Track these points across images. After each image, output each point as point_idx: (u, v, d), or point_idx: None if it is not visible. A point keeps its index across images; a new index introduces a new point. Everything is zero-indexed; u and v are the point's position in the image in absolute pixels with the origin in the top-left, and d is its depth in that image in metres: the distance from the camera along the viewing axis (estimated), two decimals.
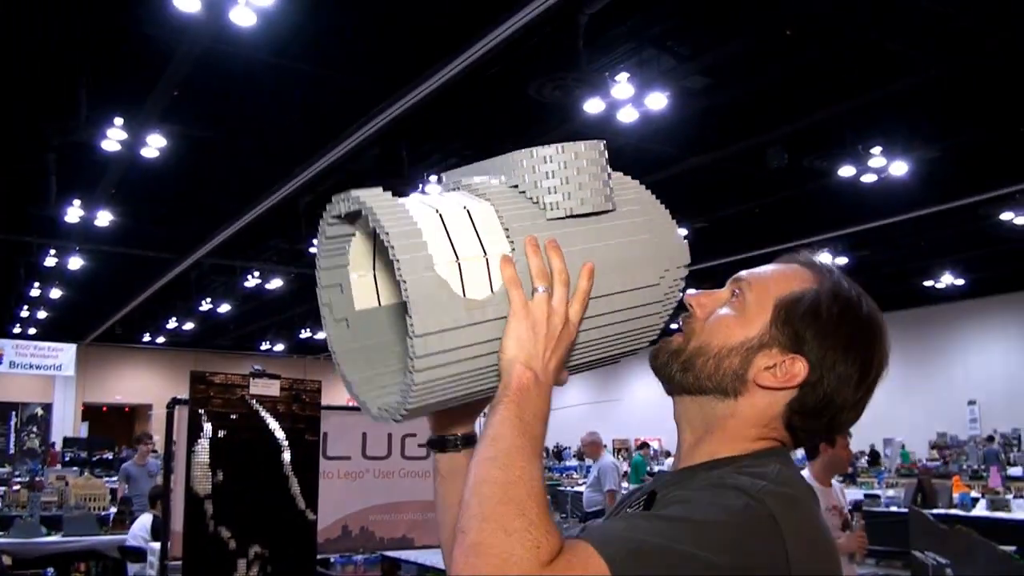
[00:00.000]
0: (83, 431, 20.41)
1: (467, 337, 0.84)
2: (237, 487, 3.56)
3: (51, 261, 12.69)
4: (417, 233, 0.83)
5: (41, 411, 19.87)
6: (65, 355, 19.89)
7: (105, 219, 10.55)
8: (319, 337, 19.68)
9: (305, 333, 19.66)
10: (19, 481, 10.84)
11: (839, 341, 0.91)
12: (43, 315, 17.30)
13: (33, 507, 8.02)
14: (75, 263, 12.63)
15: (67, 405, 21.98)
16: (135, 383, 23.45)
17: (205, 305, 16.26)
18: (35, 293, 15.09)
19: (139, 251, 12.71)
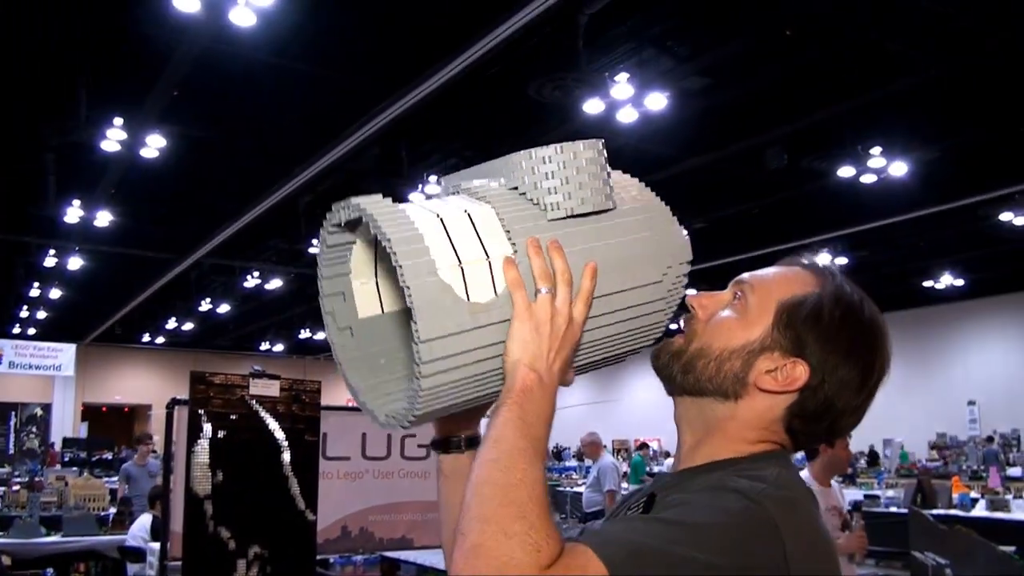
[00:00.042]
0: (82, 431, 20.40)
1: (472, 341, 0.84)
2: (237, 487, 3.56)
3: (50, 261, 12.69)
4: (419, 238, 0.83)
5: (40, 411, 19.82)
6: (64, 355, 19.90)
7: (105, 219, 10.54)
8: (318, 337, 19.68)
9: (305, 333, 19.65)
10: (18, 481, 10.82)
11: (841, 345, 0.91)
12: (42, 315, 17.31)
13: (32, 507, 8.02)
14: (74, 263, 12.63)
15: (66, 405, 21.98)
16: (134, 383, 23.45)
17: (205, 305, 16.25)
18: (34, 293, 15.08)
19: (138, 251, 12.70)
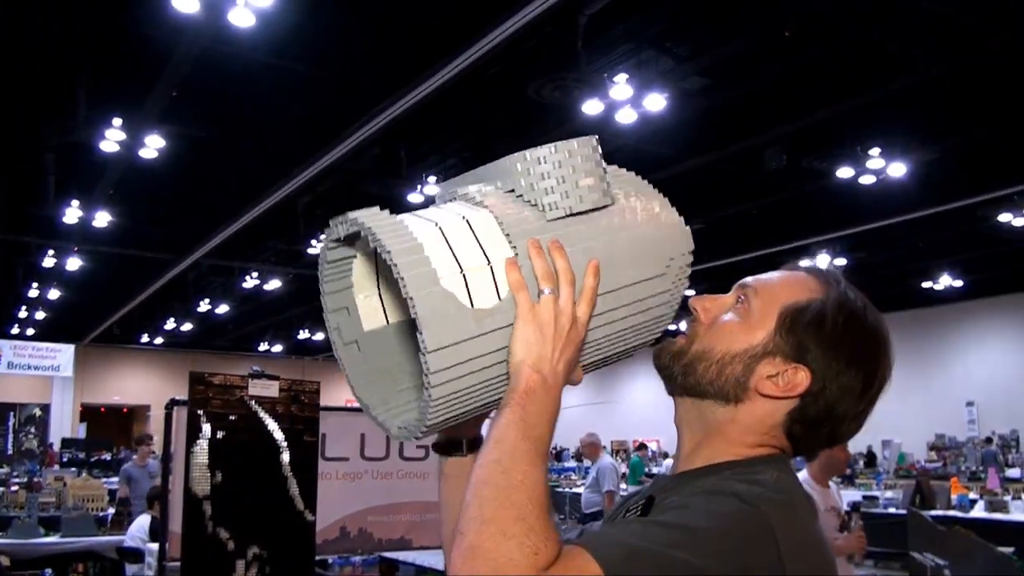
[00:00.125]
0: (81, 432, 20.35)
1: (479, 347, 0.83)
2: (236, 488, 3.56)
3: (49, 261, 12.69)
4: (419, 249, 0.83)
5: (39, 412, 19.79)
6: (63, 356, 19.88)
7: (103, 219, 10.54)
8: (317, 338, 19.68)
9: (303, 334, 19.64)
10: (17, 482, 10.80)
11: (843, 352, 0.91)
12: (41, 316, 17.29)
13: (31, 508, 8.01)
14: (73, 264, 12.62)
15: (65, 406, 21.95)
16: (133, 384, 23.43)
17: (203, 306, 16.25)
18: (33, 294, 15.07)
19: (137, 252, 12.69)
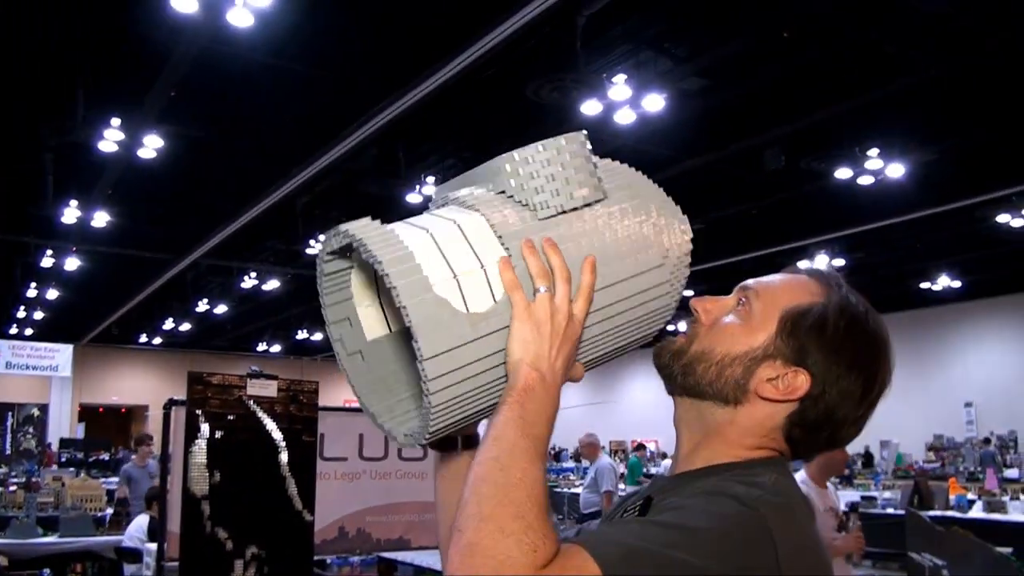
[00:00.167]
0: (79, 432, 20.34)
1: (477, 351, 0.83)
2: (234, 488, 3.55)
3: (48, 262, 12.66)
4: (410, 257, 0.83)
5: (37, 412, 19.83)
6: (61, 356, 19.85)
7: (102, 220, 10.52)
8: (316, 338, 19.67)
9: (302, 334, 19.62)
10: (15, 482, 10.80)
11: (844, 357, 0.91)
12: (39, 316, 17.27)
13: (29, 508, 8.01)
14: (72, 264, 12.60)
15: (63, 406, 21.93)
16: (131, 384, 23.41)
17: (202, 306, 16.23)
18: (32, 294, 15.05)
19: (136, 252, 12.68)
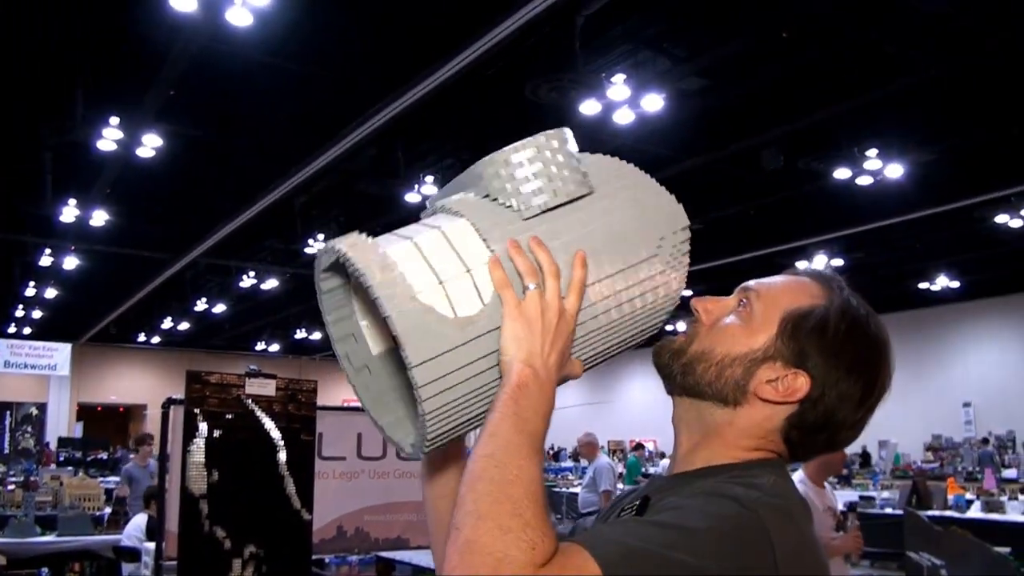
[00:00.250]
0: (78, 431, 20.31)
1: (468, 354, 0.83)
2: (232, 487, 3.55)
3: (46, 261, 12.65)
4: (391, 267, 0.83)
5: (36, 411, 19.81)
6: (60, 355, 19.86)
7: (100, 219, 10.51)
8: (314, 337, 19.67)
9: (300, 333, 19.61)
10: (14, 481, 10.79)
11: (844, 360, 0.90)
12: (38, 315, 17.26)
13: (28, 507, 8.01)
14: (70, 263, 12.58)
15: (62, 405, 21.92)
16: (130, 383, 23.39)
17: (200, 305, 16.19)
18: (30, 293, 15.03)
19: (134, 251, 12.67)
